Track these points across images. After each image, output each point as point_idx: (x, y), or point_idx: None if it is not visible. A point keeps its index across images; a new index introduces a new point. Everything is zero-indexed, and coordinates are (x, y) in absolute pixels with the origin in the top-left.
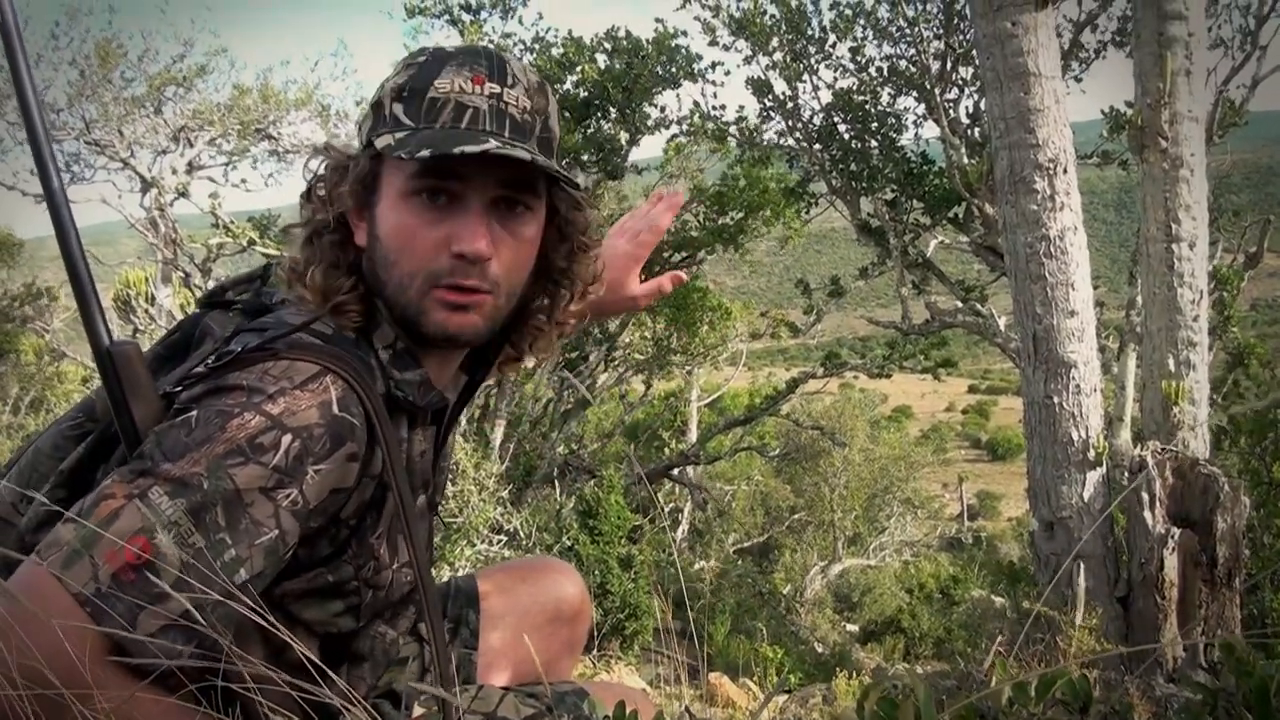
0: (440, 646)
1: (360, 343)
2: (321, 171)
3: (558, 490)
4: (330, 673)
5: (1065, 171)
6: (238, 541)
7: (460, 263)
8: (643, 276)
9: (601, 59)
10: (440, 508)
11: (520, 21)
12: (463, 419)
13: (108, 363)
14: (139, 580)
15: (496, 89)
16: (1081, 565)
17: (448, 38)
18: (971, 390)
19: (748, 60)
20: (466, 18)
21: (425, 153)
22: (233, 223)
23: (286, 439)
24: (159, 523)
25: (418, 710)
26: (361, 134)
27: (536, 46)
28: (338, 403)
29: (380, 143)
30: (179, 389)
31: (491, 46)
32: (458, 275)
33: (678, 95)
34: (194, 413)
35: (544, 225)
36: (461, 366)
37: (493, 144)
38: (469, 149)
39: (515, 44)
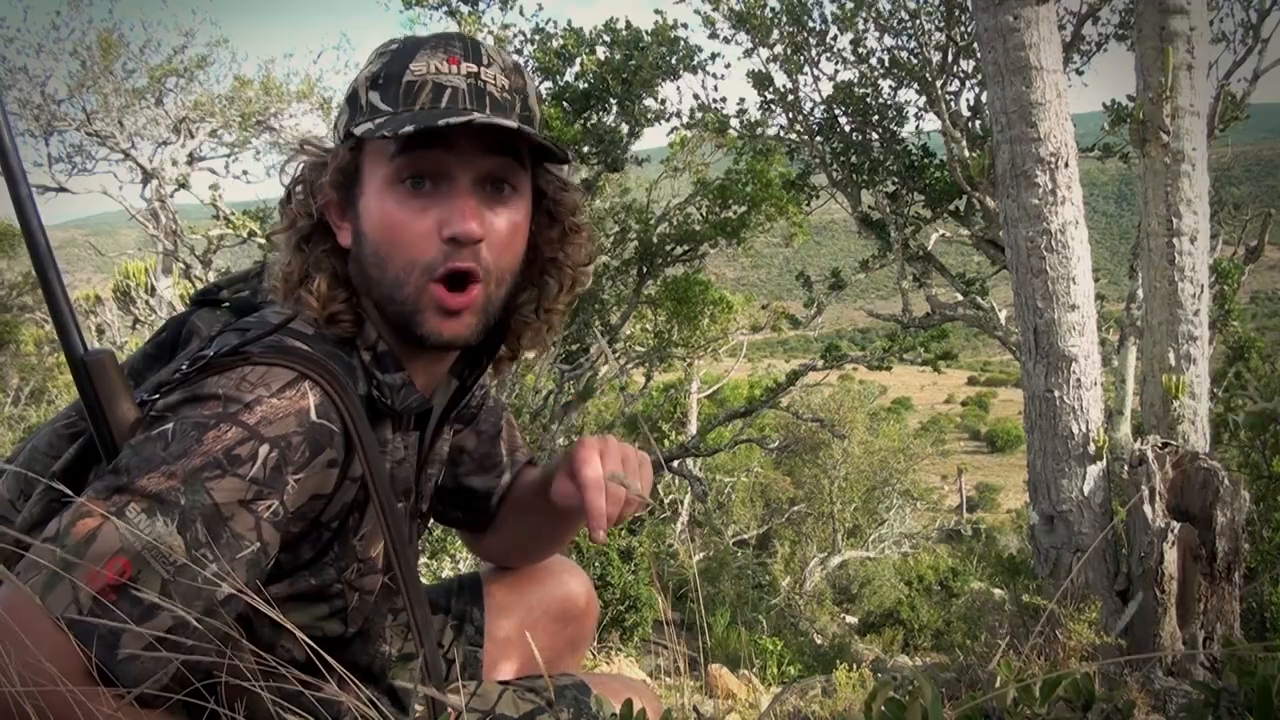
0: (429, 646)
1: (342, 342)
2: (298, 173)
3: None
4: (333, 660)
5: (1066, 165)
6: (219, 556)
7: (453, 247)
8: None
9: (601, 50)
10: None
11: (521, 12)
12: (447, 431)
13: (83, 372)
14: (120, 601)
15: (473, 68)
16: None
17: (444, 28)
18: (971, 382)
19: (748, 53)
20: (465, 9)
21: (409, 128)
22: (233, 214)
23: (264, 449)
24: (138, 541)
25: (419, 709)
26: (339, 129)
27: (536, 38)
28: (315, 409)
29: (360, 130)
30: (156, 395)
31: (464, 31)
32: (452, 260)
33: (678, 88)
34: (170, 424)
35: (530, 211)
36: (451, 370)
37: (477, 115)
38: (454, 120)
39: (515, 35)
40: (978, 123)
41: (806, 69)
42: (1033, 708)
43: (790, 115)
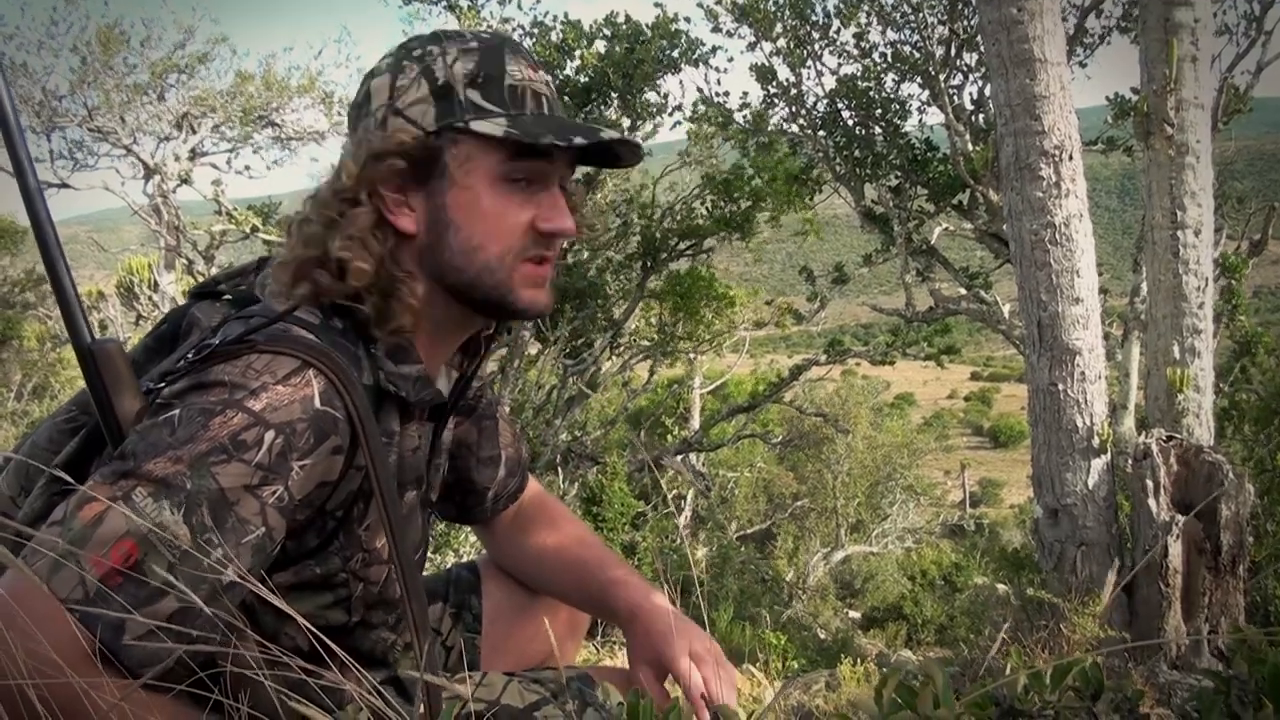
0: (421, 638)
1: (348, 332)
2: (361, 153)
3: (561, 477)
4: (337, 648)
5: (1070, 158)
6: (225, 540)
7: (544, 239)
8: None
9: (601, 44)
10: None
11: (519, 6)
12: (450, 421)
13: (90, 361)
14: (126, 584)
15: (546, 76)
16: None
17: (444, 23)
18: (974, 377)
19: (751, 47)
20: (464, 3)
21: (580, 140)
22: (235, 209)
23: (269, 435)
24: (144, 525)
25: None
26: (423, 121)
27: (535, 32)
28: (320, 396)
29: (485, 127)
30: (162, 384)
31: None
32: (541, 249)
33: (680, 82)
34: (176, 410)
35: None
36: (448, 362)
37: (609, 133)
38: (606, 136)
39: (514, 29)
40: (981, 116)
41: (810, 63)
42: (1043, 696)
43: (793, 109)
